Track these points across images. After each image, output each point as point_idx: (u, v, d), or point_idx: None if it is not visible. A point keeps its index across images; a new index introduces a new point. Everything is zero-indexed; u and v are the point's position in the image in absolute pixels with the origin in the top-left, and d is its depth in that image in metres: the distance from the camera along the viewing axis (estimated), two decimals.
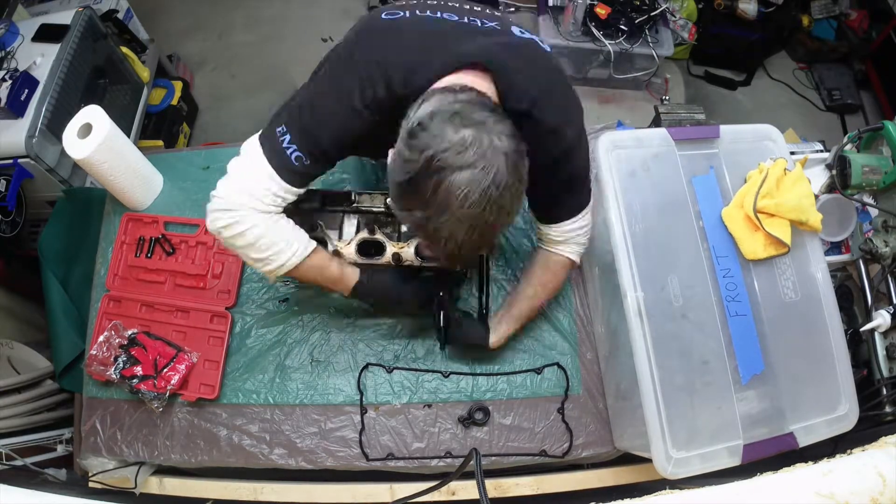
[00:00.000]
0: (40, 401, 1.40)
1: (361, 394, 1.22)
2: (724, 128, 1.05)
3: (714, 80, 2.87)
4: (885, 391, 1.15)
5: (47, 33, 1.77)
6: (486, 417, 1.20)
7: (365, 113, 0.79)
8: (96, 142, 1.21)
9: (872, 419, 1.14)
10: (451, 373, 1.23)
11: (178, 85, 2.47)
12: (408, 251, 1.12)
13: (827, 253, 1.26)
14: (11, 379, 1.36)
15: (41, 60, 1.72)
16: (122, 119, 2.06)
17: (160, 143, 2.30)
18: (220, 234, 0.87)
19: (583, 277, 1.30)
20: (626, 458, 1.19)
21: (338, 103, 0.81)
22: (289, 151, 0.82)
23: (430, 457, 1.18)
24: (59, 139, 1.50)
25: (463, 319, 1.14)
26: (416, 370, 1.24)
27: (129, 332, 1.25)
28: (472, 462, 0.75)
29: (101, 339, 1.23)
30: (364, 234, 1.13)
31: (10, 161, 1.60)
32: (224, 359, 1.25)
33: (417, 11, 0.84)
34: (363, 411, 1.21)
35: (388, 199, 1.13)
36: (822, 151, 1.46)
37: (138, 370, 1.20)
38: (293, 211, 1.15)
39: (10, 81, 1.63)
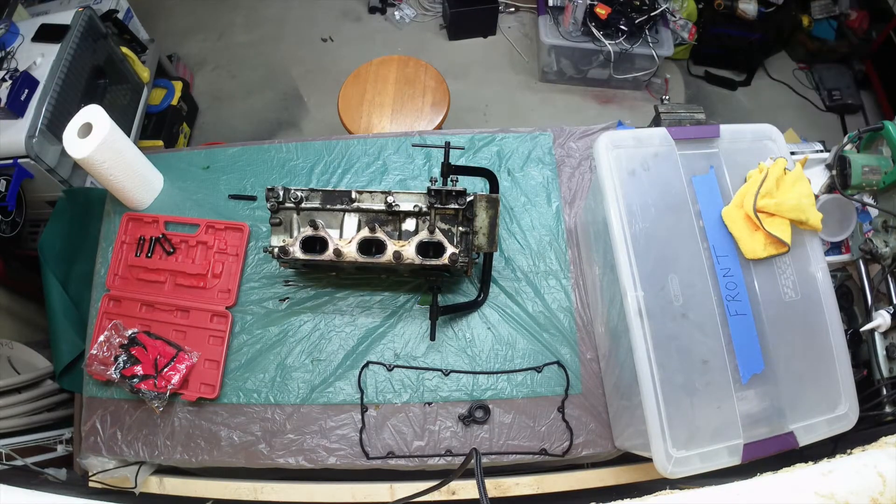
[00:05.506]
0: (40, 401, 1.41)
1: (362, 392, 1.22)
2: (724, 127, 1.04)
3: (714, 80, 2.87)
4: (885, 391, 1.14)
5: (47, 33, 1.78)
6: (487, 416, 1.20)
7: None
8: (96, 141, 1.21)
9: (872, 419, 1.14)
10: (452, 371, 1.23)
11: (178, 85, 2.48)
12: (408, 250, 1.12)
13: (827, 253, 1.26)
14: (11, 379, 1.36)
15: (41, 60, 1.72)
16: (122, 119, 2.07)
17: (160, 143, 2.31)
18: None
19: (583, 277, 1.30)
20: (626, 458, 1.19)
21: None
22: None
23: (431, 455, 1.18)
24: (59, 139, 1.51)
25: None
26: (416, 368, 1.24)
27: (130, 332, 1.25)
28: (472, 461, 0.75)
29: (101, 338, 1.24)
30: (365, 233, 1.13)
31: (10, 161, 1.61)
32: (224, 358, 1.25)
33: None
34: (364, 410, 1.21)
35: (388, 198, 1.13)
36: (822, 151, 1.46)
37: (139, 370, 1.21)
38: (294, 210, 1.16)
39: (10, 81, 1.64)
